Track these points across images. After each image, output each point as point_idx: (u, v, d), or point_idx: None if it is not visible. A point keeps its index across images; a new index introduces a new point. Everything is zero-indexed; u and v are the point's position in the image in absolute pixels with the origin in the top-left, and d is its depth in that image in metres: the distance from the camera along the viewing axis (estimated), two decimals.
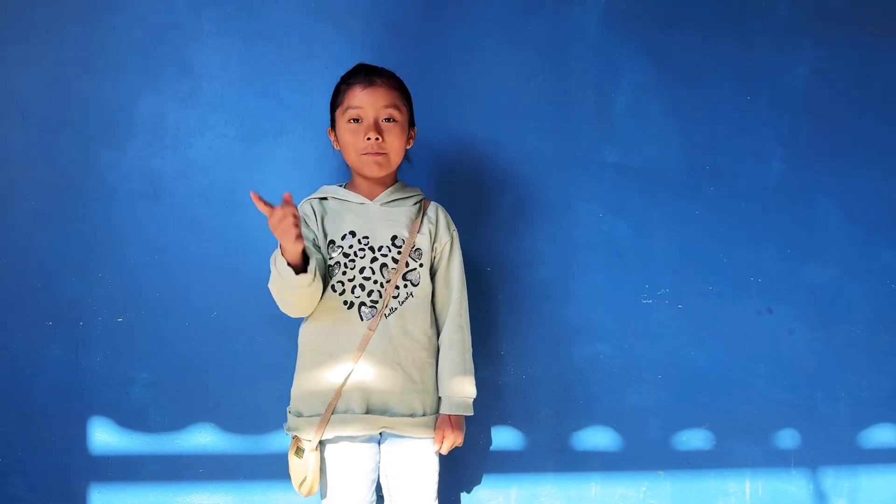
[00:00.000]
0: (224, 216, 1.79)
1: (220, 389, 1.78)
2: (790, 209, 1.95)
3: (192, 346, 1.78)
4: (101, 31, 1.78)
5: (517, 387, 1.86)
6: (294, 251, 1.31)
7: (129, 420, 1.76)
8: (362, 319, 1.44)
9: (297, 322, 1.54)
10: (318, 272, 1.37)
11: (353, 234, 1.47)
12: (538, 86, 1.88)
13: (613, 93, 1.89)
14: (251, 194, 1.24)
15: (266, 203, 1.25)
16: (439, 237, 1.55)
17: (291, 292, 1.37)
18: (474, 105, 1.86)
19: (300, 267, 1.34)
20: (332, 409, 1.43)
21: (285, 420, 1.52)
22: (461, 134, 1.85)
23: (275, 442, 1.78)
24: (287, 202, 1.26)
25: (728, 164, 1.93)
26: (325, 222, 1.49)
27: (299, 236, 1.28)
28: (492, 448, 1.86)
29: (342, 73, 1.81)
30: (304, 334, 1.50)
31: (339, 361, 1.43)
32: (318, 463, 1.43)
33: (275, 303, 1.44)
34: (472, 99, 1.86)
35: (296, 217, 1.27)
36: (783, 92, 1.95)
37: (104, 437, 1.75)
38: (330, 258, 1.47)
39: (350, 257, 1.46)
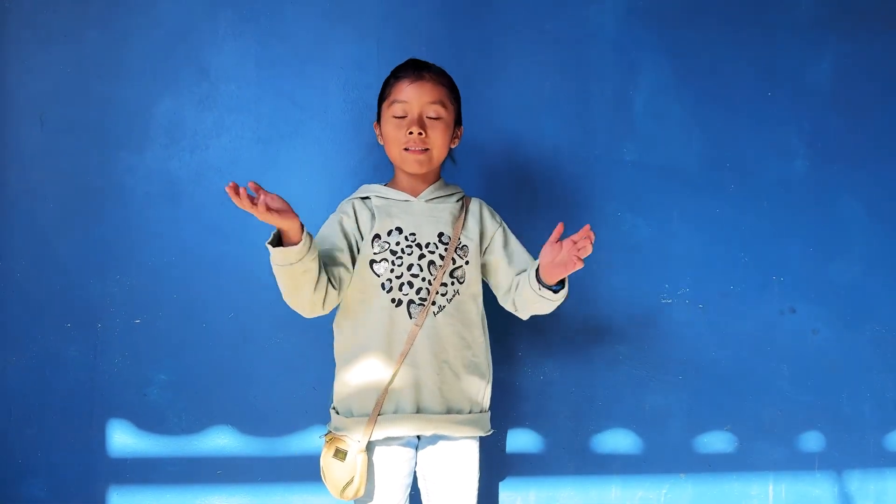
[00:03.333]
0: (241, 218, 1.78)
1: (237, 391, 1.78)
2: (813, 207, 1.92)
3: (210, 347, 1.78)
4: (118, 35, 1.79)
5: (536, 388, 1.84)
6: (290, 227, 1.26)
7: (146, 422, 1.77)
8: (411, 317, 1.42)
9: (316, 323, 1.54)
10: (315, 253, 1.31)
11: (399, 230, 1.45)
12: (556, 84, 1.86)
13: (633, 90, 1.88)
14: (227, 189, 1.18)
15: (247, 197, 1.20)
16: (486, 230, 1.53)
17: (288, 272, 1.30)
18: (492, 104, 1.85)
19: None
20: (379, 408, 1.41)
21: (318, 418, 1.51)
22: (478, 133, 1.84)
23: (293, 444, 1.78)
24: (256, 190, 1.22)
25: (749, 161, 1.90)
26: (368, 221, 1.46)
27: (284, 212, 1.24)
28: (510, 450, 1.85)
29: (358, 74, 1.81)
30: (348, 330, 1.46)
31: (387, 359, 1.41)
32: (366, 464, 1.40)
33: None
34: (490, 98, 1.85)
35: (274, 198, 1.24)
36: (806, 88, 1.92)
37: (122, 438, 1.76)
38: (375, 253, 1.44)
39: (398, 254, 1.44)
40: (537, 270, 1.40)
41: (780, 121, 1.92)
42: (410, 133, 1.43)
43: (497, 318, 1.79)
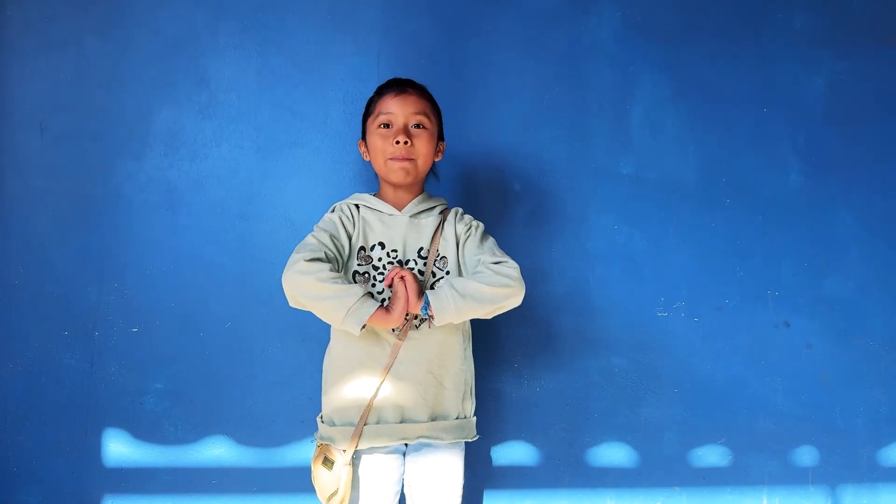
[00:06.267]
0: (239, 227, 1.80)
1: (233, 401, 1.78)
2: (808, 222, 1.93)
3: (207, 356, 1.78)
4: (119, 44, 1.80)
5: (531, 400, 1.85)
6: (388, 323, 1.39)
7: (142, 430, 1.76)
8: (393, 331, 1.45)
9: (312, 334, 1.55)
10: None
11: (381, 245, 1.48)
12: (554, 98, 1.88)
13: (629, 105, 1.89)
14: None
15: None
16: (460, 234, 1.53)
17: (321, 311, 1.37)
18: (490, 117, 1.86)
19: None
20: (364, 420, 1.43)
21: (314, 429, 1.52)
22: (477, 146, 1.85)
23: (289, 454, 1.78)
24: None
25: (745, 176, 1.91)
26: (355, 229, 1.49)
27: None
28: (505, 462, 1.85)
29: (357, 86, 1.82)
30: (336, 344, 1.49)
31: (371, 372, 1.44)
32: (351, 476, 1.42)
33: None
34: (489, 111, 1.86)
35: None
36: (801, 104, 1.94)
37: (118, 447, 1.76)
38: (359, 265, 1.47)
39: (379, 270, 1.47)
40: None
41: (775, 136, 1.93)
42: (396, 143, 1.46)
43: (493, 329, 1.80)
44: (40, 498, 1.75)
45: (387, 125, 1.49)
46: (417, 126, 1.49)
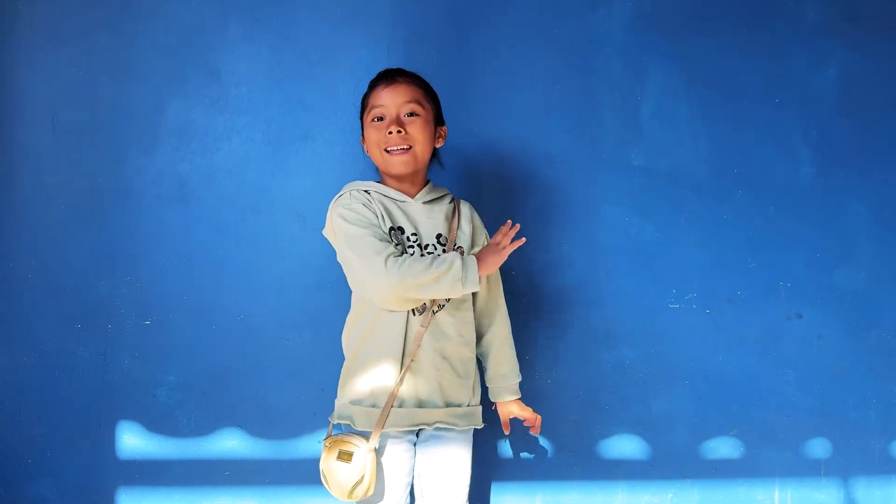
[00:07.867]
0: (251, 219, 1.80)
1: (246, 392, 1.78)
2: (819, 213, 1.92)
3: (219, 349, 1.79)
4: (129, 38, 1.80)
5: (543, 392, 1.85)
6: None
7: (156, 422, 1.77)
8: (414, 315, 1.46)
9: (325, 325, 1.55)
10: None
11: (401, 230, 1.48)
12: (564, 89, 1.87)
13: (640, 96, 1.88)
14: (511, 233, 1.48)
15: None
16: (477, 237, 1.58)
17: (438, 293, 1.42)
18: (500, 109, 1.86)
19: None
20: (388, 409, 1.44)
21: (327, 420, 1.53)
22: (487, 138, 1.85)
23: (301, 445, 1.78)
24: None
25: (756, 167, 1.91)
26: (380, 212, 1.50)
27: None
28: (516, 454, 1.85)
29: (367, 79, 1.82)
30: (356, 328, 1.50)
31: (394, 357, 1.45)
32: (375, 463, 1.42)
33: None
34: (498, 103, 1.86)
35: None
36: (812, 95, 1.93)
37: (131, 439, 1.77)
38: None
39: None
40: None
41: (786, 127, 1.92)
42: (390, 133, 1.46)
43: None
44: (54, 490, 1.77)
45: (380, 118, 1.49)
46: (410, 114, 1.49)
